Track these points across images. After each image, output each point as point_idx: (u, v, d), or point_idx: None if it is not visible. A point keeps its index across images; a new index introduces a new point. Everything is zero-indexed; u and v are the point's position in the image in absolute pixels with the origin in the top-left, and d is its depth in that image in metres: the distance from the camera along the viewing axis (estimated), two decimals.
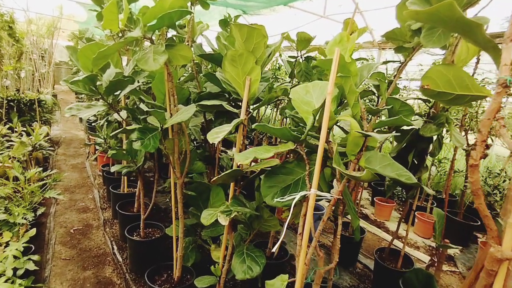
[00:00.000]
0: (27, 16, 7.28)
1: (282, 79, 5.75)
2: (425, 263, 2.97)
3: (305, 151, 1.06)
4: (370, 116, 1.78)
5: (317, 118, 1.02)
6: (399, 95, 3.68)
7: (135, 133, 1.44)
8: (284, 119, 4.88)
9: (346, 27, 2.35)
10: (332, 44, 1.21)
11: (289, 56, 2.96)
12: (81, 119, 7.58)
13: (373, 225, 3.74)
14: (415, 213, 3.40)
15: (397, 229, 2.33)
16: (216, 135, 1.22)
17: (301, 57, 2.80)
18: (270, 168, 1.13)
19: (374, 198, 4.11)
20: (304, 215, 0.97)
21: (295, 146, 1.00)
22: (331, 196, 0.94)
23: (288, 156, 2.45)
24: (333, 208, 1.04)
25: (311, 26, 5.54)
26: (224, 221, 1.31)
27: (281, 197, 0.96)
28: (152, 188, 2.47)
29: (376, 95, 2.21)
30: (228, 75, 1.43)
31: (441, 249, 1.60)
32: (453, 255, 3.16)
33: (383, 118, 1.88)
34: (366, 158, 1.06)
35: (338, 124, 1.38)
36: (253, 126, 1.10)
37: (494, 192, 2.84)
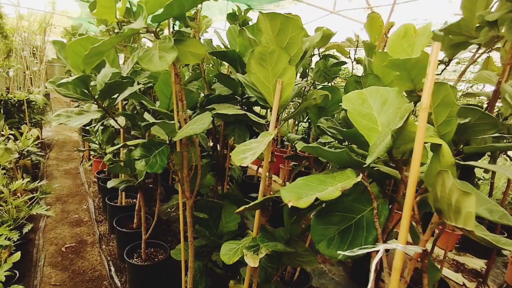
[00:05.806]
0: (18, 11, 6.93)
1: None
2: (455, 282, 2.72)
3: (369, 181, 0.79)
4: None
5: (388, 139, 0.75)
6: None
7: (138, 149, 1.16)
8: (297, 124, 4.58)
9: (371, 22, 2.08)
10: (395, 39, 0.94)
11: None
12: None
13: None
14: None
15: (432, 249, 2.07)
16: (243, 155, 0.94)
17: (319, 55, 2.53)
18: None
19: (390, 206, 3.87)
20: (376, 271, 0.71)
21: (360, 178, 0.73)
22: (420, 249, 0.67)
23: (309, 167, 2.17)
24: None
25: (319, 22, 5.27)
26: (252, 261, 1.03)
27: (349, 249, 0.70)
28: (152, 196, 2.19)
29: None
30: (254, 77, 1.15)
31: None
32: (480, 270, 2.93)
33: None
34: None
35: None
36: (300, 148, 0.82)
37: None
